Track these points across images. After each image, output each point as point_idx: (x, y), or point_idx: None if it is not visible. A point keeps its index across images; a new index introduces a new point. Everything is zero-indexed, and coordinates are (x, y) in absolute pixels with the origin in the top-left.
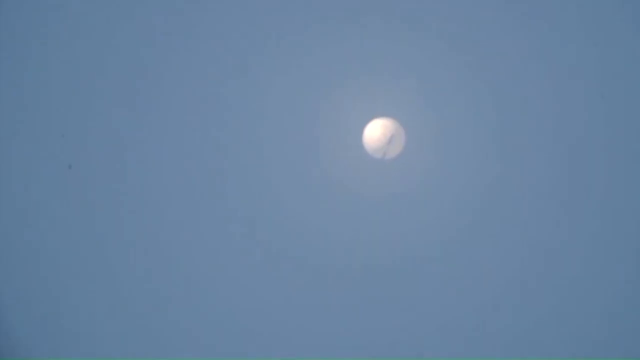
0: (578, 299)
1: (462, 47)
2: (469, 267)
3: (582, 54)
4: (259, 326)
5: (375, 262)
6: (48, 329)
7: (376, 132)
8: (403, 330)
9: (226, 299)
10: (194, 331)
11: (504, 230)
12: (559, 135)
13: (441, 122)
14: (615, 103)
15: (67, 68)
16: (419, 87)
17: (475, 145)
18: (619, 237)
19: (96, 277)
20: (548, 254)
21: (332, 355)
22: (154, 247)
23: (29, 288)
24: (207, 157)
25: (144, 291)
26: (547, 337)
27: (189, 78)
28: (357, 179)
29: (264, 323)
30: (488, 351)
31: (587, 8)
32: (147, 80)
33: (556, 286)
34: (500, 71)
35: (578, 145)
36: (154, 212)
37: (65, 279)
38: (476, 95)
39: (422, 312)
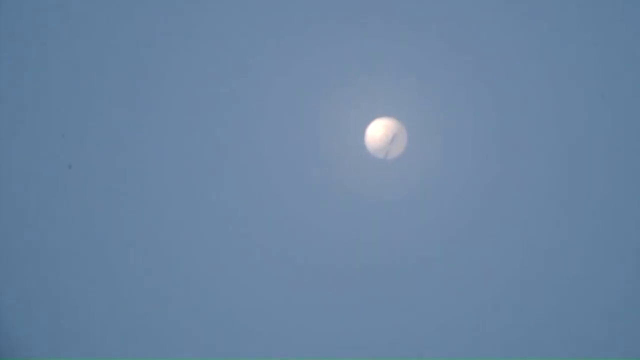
0: (578, 299)
1: (463, 47)
2: (471, 266)
3: (582, 54)
4: (259, 326)
5: (379, 262)
6: (48, 329)
7: (378, 131)
8: (403, 330)
9: (226, 298)
10: (194, 331)
11: (506, 230)
12: (559, 134)
13: (443, 122)
14: (615, 103)
15: (67, 68)
16: (420, 87)
17: (477, 144)
18: (619, 237)
19: (96, 277)
20: (548, 254)
21: (332, 355)
22: (153, 247)
23: (29, 288)
24: (207, 158)
25: (143, 291)
26: (547, 337)
27: (189, 78)
28: (360, 179)
29: (264, 323)
30: (488, 351)
31: (587, 8)
32: (147, 80)
33: (556, 286)
34: (501, 71)
35: (578, 144)
36: (154, 212)
37: (65, 279)
38: (477, 94)
39: (422, 312)
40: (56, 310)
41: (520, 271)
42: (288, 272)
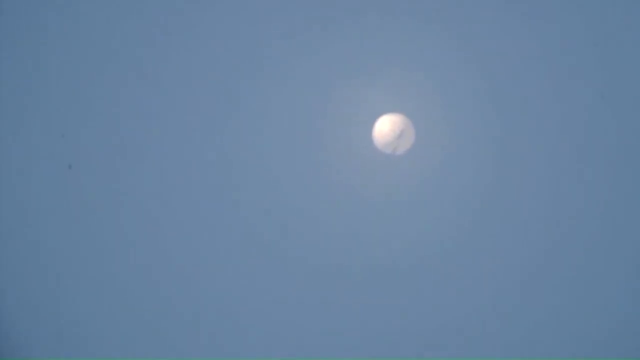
0: (578, 299)
1: (471, 43)
2: (478, 265)
3: (582, 53)
4: (258, 326)
5: (387, 261)
6: (48, 329)
7: (386, 127)
8: (403, 330)
9: (227, 298)
10: (194, 331)
11: (511, 229)
12: (561, 134)
13: (450, 117)
14: (615, 103)
15: (67, 68)
16: (428, 82)
17: (485, 140)
18: (619, 237)
19: (96, 277)
20: (549, 254)
21: (332, 355)
22: (154, 247)
23: (29, 288)
24: (210, 156)
25: (144, 291)
26: (547, 337)
27: (192, 78)
28: (368, 175)
29: (266, 323)
30: (488, 351)
31: (587, 8)
32: (148, 80)
33: (556, 286)
34: (509, 68)
35: (578, 144)
36: (155, 213)
37: (65, 279)
38: (484, 90)
39: (423, 312)
40: (56, 310)
41: (522, 271)
42: (291, 271)
